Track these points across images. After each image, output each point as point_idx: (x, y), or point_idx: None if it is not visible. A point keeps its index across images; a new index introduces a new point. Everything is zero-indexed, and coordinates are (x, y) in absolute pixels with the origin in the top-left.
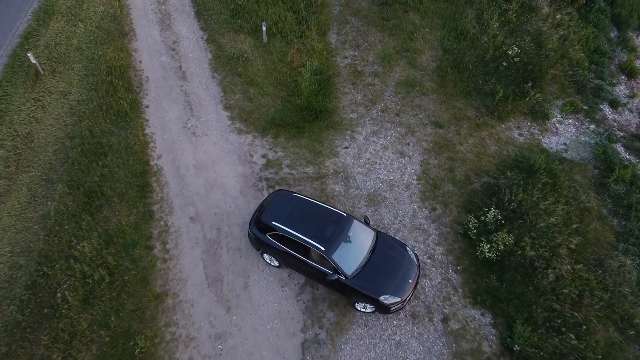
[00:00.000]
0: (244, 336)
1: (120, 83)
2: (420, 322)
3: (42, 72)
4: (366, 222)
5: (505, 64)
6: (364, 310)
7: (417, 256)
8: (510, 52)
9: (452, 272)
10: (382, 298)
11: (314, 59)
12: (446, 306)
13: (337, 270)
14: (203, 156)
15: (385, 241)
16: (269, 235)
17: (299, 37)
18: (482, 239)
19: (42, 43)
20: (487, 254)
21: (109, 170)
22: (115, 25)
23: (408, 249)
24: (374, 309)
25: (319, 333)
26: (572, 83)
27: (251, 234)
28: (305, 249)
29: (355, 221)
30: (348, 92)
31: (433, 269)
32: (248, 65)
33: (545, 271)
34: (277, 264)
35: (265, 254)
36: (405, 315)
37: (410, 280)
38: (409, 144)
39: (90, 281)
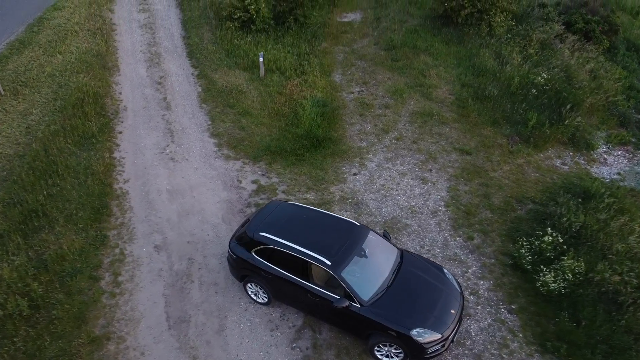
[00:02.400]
0: None
1: (93, 108)
2: None
3: (1, 92)
4: (386, 238)
5: (534, 91)
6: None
7: (458, 282)
8: (539, 79)
9: (504, 312)
10: (414, 333)
11: (316, 92)
12: (504, 356)
13: (348, 294)
14: (180, 181)
15: (414, 260)
16: (254, 252)
17: (300, 74)
18: (542, 267)
19: (11, 67)
20: (551, 286)
21: (58, 190)
22: (98, 60)
23: (445, 271)
24: (402, 355)
25: None
26: (611, 115)
27: (231, 253)
28: (303, 269)
29: (372, 232)
30: (356, 122)
31: (479, 307)
32: (242, 97)
33: (638, 302)
34: (264, 299)
35: (249, 284)
36: None
37: (452, 311)
38: (431, 170)
39: (1, 312)
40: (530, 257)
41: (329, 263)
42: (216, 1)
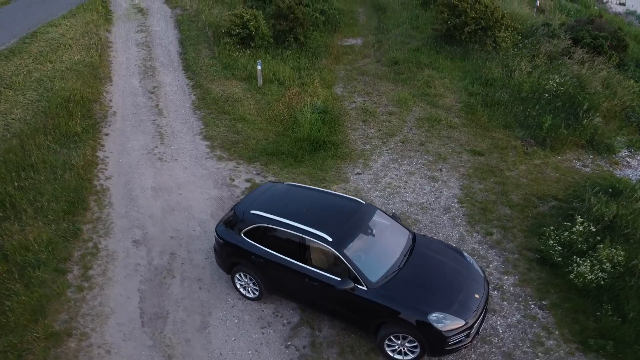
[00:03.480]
0: None
1: (78, 110)
2: None
3: None
4: (395, 219)
5: (546, 95)
6: (400, 357)
7: (481, 268)
8: (551, 83)
9: (535, 308)
10: (433, 318)
11: (316, 100)
12: (539, 354)
13: (353, 275)
14: (167, 180)
15: (428, 243)
16: (244, 234)
17: (300, 85)
18: (575, 259)
19: None
20: (588, 277)
21: (31, 182)
22: (90, 70)
23: (465, 254)
24: (418, 349)
25: None
26: (629, 122)
27: (218, 238)
28: (300, 249)
29: (379, 212)
30: (358, 127)
31: (505, 303)
32: (238, 105)
33: None
34: (255, 292)
35: (238, 276)
36: None
37: (476, 295)
38: (441, 169)
39: None
40: (560, 247)
41: (330, 239)
42: (215, 21)
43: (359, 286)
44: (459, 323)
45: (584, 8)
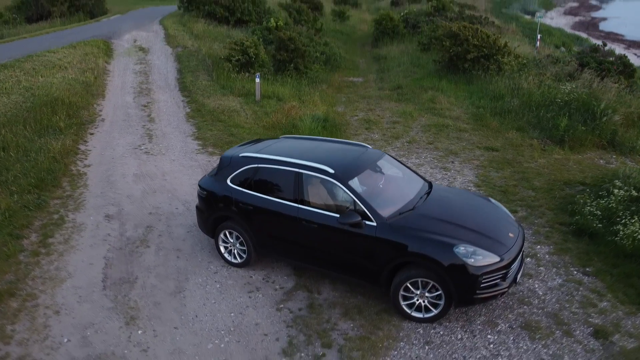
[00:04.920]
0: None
1: (64, 110)
2: (547, 336)
3: None
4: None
5: (559, 100)
6: (419, 315)
7: (514, 218)
8: (563, 90)
9: (578, 274)
10: (460, 251)
11: (317, 111)
12: (593, 315)
13: (359, 209)
14: (151, 168)
15: (448, 189)
16: (231, 180)
17: (300, 102)
18: (622, 220)
19: None
20: (638, 237)
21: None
22: (83, 86)
23: (494, 201)
24: (442, 299)
25: (324, 354)
26: None
27: (201, 190)
28: (296, 187)
29: (389, 156)
30: (361, 133)
31: (542, 268)
32: (234, 115)
33: None
34: (242, 255)
35: (223, 236)
36: (512, 326)
37: (511, 234)
38: (453, 162)
39: None
40: (599, 212)
41: (331, 171)
42: (215, 53)
43: (367, 222)
44: (492, 259)
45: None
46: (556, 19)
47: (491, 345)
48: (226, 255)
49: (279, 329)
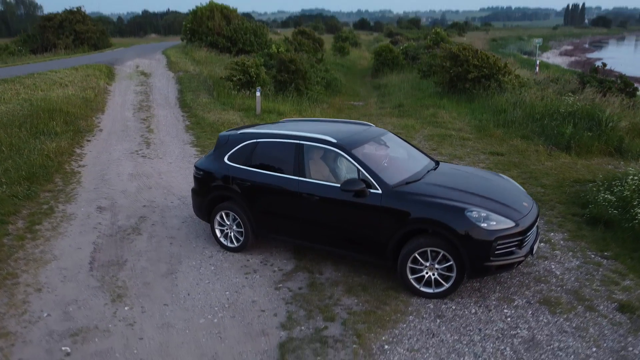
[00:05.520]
0: (135, 334)
1: (62, 117)
2: (569, 311)
3: None
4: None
5: (562, 110)
6: (429, 290)
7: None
8: (566, 100)
9: (596, 257)
10: (472, 214)
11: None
12: (616, 292)
13: (363, 177)
14: (148, 169)
15: (457, 165)
16: (228, 158)
17: (301, 117)
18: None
19: None
20: None
21: None
22: (83, 102)
23: (505, 177)
24: (453, 271)
25: (326, 327)
26: None
27: (197, 170)
28: (296, 160)
29: (392, 134)
30: None
31: (558, 252)
32: (234, 127)
33: None
34: (238, 240)
35: (219, 218)
36: (529, 302)
37: (525, 204)
38: (458, 164)
39: None
40: (614, 198)
41: (334, 140)
42: (216, 74)
43: (372, 190)
44: (507, 224)
45: None
46: (552, 59)
47: (509, 319)
48: (222, 239)
49: (278, 305)
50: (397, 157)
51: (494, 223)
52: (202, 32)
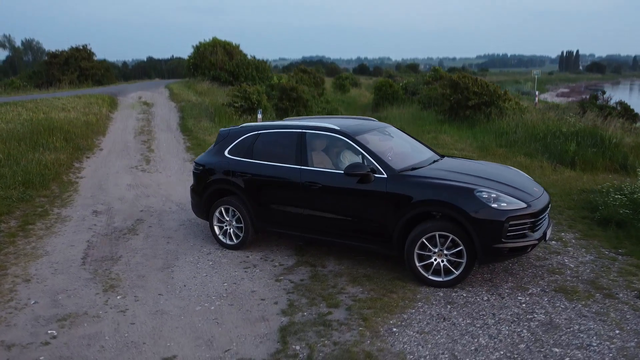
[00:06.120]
0: (127, 320)
1: (62, 135)
2: (587, 298)
3: None
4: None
5: (565, 130)
6: (438, 278)
7: None
8: (568, 120)
9: (610, 253)
10: (482, 195)
11: None
12: (635, 282)
13: (369, 162)
14: (146, 180)
15: (462, 159)
16: (229, 152)
17: None
18: None
19: None
20: None
21: None
22: (84, 125)
23: (512, 167)
24: (463, 257)
25: (330, 312)
26: None
27: (197, 165)
28: (298, 148)
29: (395, 128)
30: None
31: (570, 248)
32: None
33: None
34: (238, 236)
35: (218, 214)
36: (544, 290)
37: (535, 189)
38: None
39: None
40: (625, 198)
41: (337, 128)
42: (217, 102)
43: (377, 175)
44: (518, 205)
45: None
46: (550, 99)
47: (523, 305)
48: (221, 237)
49: (279, 294)
50: (402, 147)
51: (505, 204)
52: (204, 67)
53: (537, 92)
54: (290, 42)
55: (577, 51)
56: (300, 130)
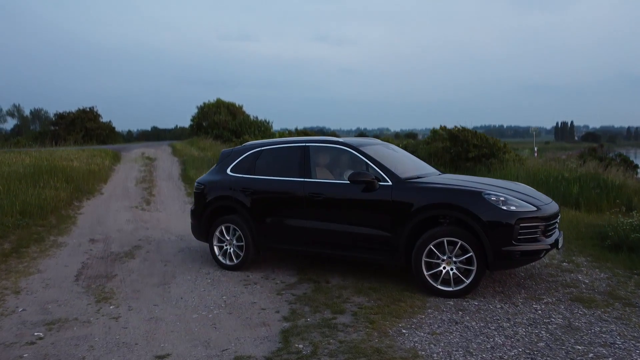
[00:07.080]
0: (119, 325)
1: (63, 177)
2: (606, 306)
3: None
4: None
5: (567, 175)
6: (448, 288)
7: None
8: (569, 165)
9: (625, 273)
10: (490, 198)
11: None
12: None
13: (373, 171)
14: (146, 217)
15: (466, 175)
16: (231, 170)
17: None
18: None
19: None
20: None
21: None
22: (86, 172)
23: (519, 183)
24: (473, 264)
25: (335, 317)
26: None
27: (198, 186)
28: (301, 161)
29: (397, 147)
30: None
31: (583, 269)
32: None
33: None
34: (238, 255)
35: (219, 233)
36: (560, 299)
37: (544, 197)
38: None
39: None
40: (637, 223)
41: (342, 140)
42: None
43: (382, 183)
44: (528, 207)
45: None
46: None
47: (539, 311)
48: (220, 257)
49: (280, 305)
50: (406, 160)
51: (514, 207)
52: (208, 126)
53: (535, 148)
54: (291, 114)
55: (572, 122)
56: (304, 144)
